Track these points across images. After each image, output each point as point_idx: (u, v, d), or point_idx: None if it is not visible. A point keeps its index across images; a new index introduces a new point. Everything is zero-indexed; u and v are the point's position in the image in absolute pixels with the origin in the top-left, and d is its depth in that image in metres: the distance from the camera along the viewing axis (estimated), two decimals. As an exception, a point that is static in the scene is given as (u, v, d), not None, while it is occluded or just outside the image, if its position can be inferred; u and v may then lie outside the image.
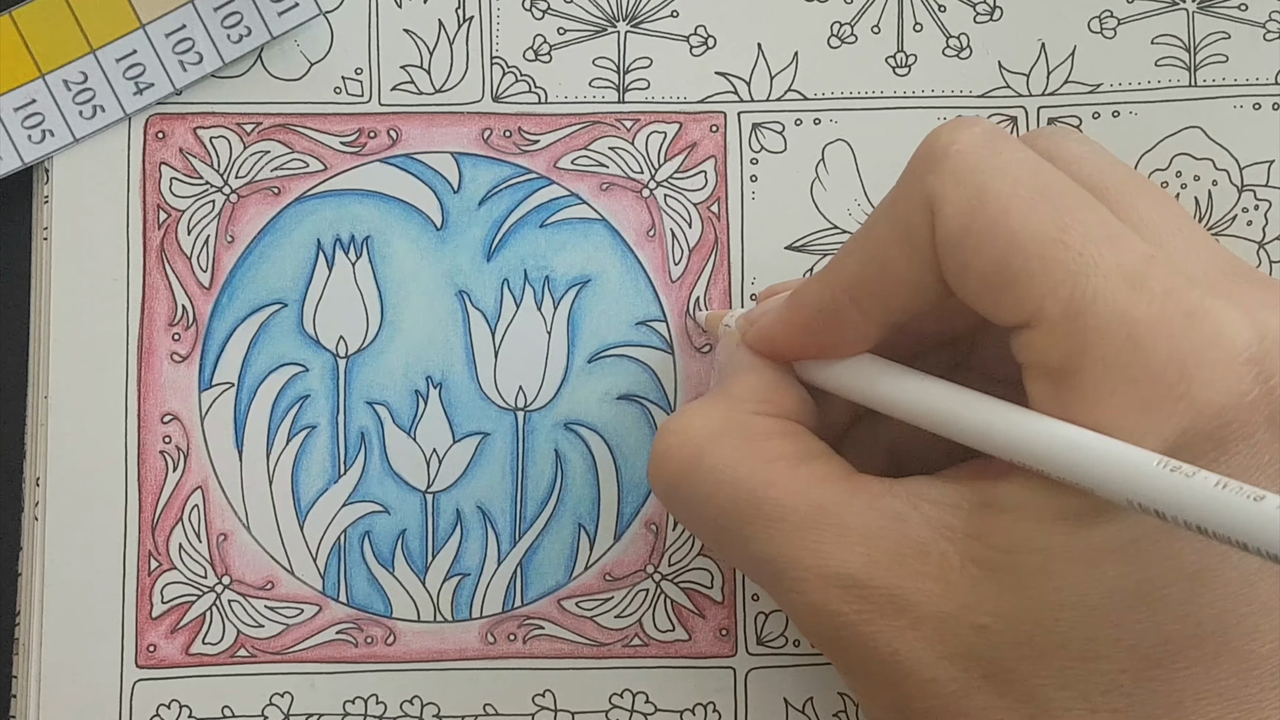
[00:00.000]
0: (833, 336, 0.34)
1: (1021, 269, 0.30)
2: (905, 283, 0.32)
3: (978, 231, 0.31)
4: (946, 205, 0.31)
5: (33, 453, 0.40)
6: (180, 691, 0.40)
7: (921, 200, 0.31)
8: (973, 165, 0.31)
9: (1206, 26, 0.41)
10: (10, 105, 0.40)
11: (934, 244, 0.31)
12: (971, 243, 0.31)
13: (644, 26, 0.41)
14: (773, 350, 0.36)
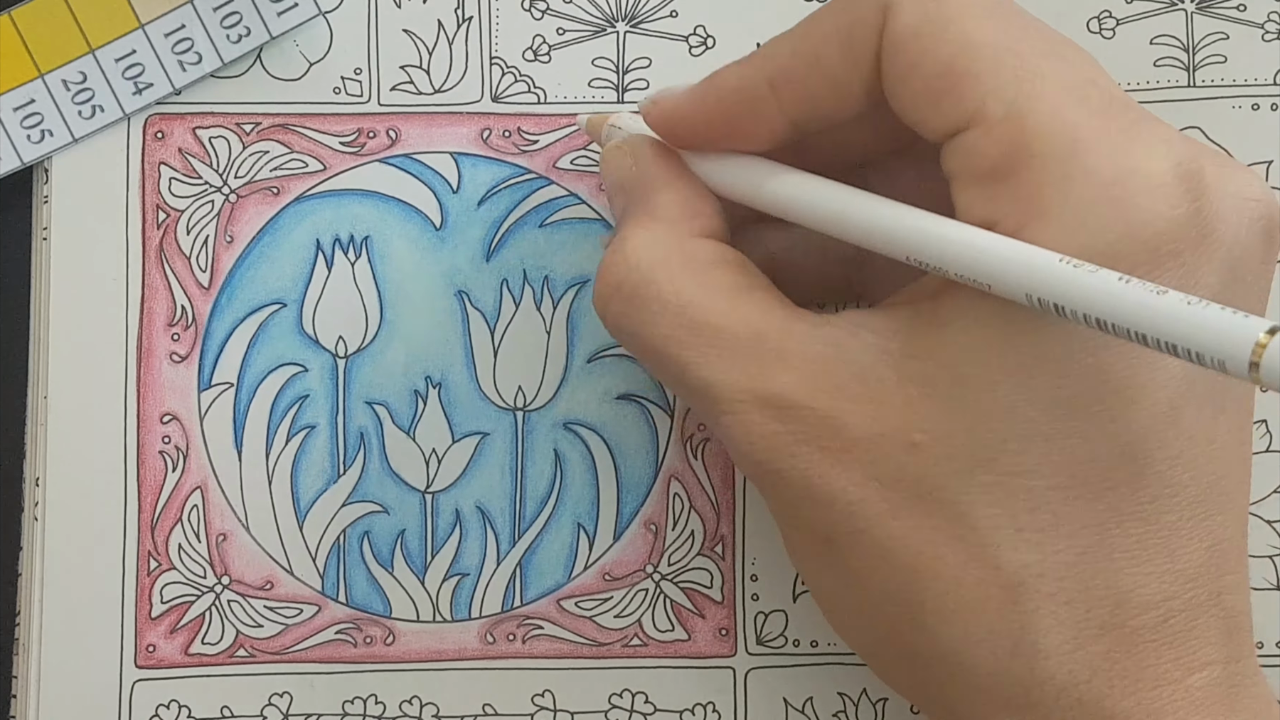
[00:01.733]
0: (743, 124, 0.35)
1: (968, 69, 0.31)
2: (834, 81, 0.33)
3: (930, 33, 0.32)
4: (902, 5, 0.32)
5: (33, 453, 0.40)
6: (179, 691, 0.40)
7: (876, 1, 0.32)
8: None
9: (1205, 27, 0.41)
10: (9, 105, 0.40)
11: (876, 47, 0.32)
12: (922, 43, 0.32)
13: (643, 26, 0.41)
14: (675, 132, 0.36)
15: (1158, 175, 0.30)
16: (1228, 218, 0.31)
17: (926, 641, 0.32)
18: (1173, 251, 0.30)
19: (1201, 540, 0.32)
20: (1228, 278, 0.31)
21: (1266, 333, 0.26)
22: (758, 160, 0.35)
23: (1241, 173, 0.32)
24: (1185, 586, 0.31)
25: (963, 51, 0.31)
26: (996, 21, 0.32)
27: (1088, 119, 0.31)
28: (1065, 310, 0.29)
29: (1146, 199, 0.30)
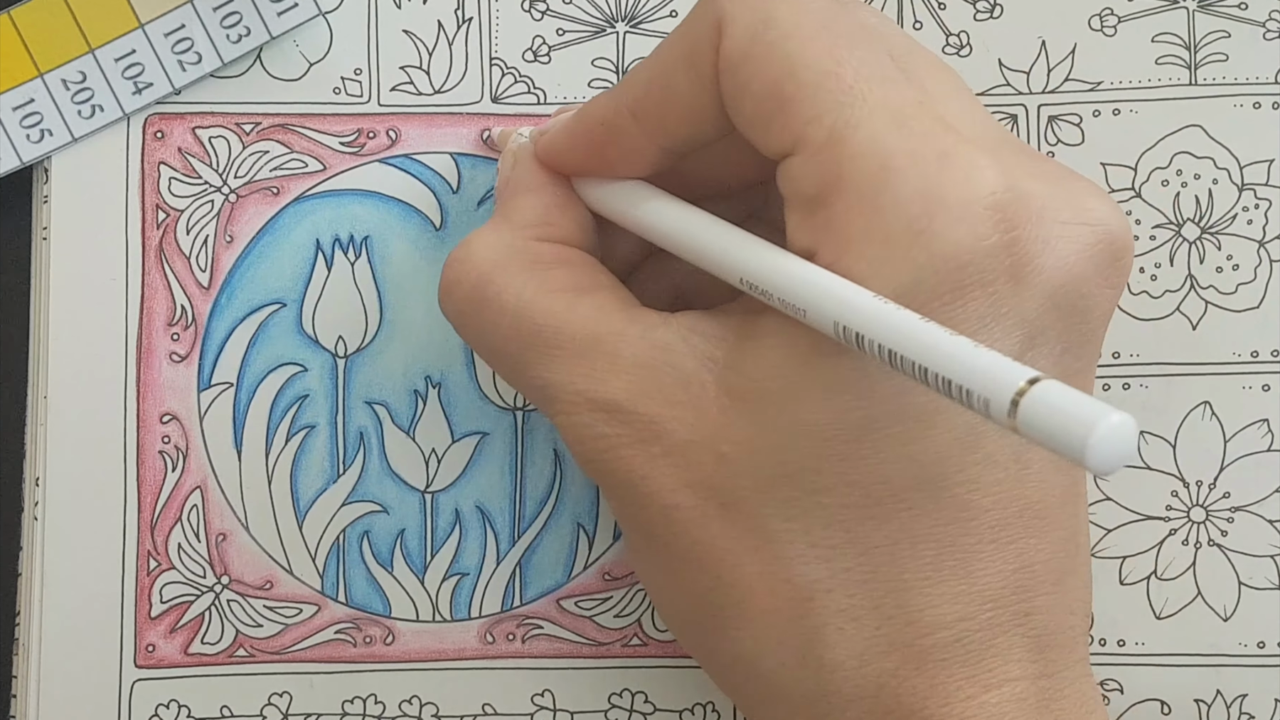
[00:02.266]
0: (613, 153, 0.35)
1: (793, 94, 0.31)
2: (687, 105, 0.33)
3: (757, 55, 0.31)
4: (732, 25, 0.32)
5: (33, 453, 0.40)
6: (179, 691, 0.40)
7: (712, 21, 0.32)
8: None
9: (1206, 25, 0.41)
10: (9, 105, 0.40)
11: (716, 67, 0.32)
12: (750, 66, 0.32)
13: (643, 27, 0.41)
14: (556, 163, 0.36)
15: (966, 205, 0.30)
16: (1054, 246, 0.31)
17: (727, 645, 0.33)
18: (980, 281, 0.30)
19: (1006, 563, 0.32)
20: (1053, 305, 0.31)
21: (1027, 382, 0.26)
22: (630, 185, 0.36)
23: (1080, 196, 0.32)
24: (983, 607, 0.32)
25: (789, 75, 0.31)
26: (826, 41, 0.31)
27: (904, 146, 0.30)
28: (863, 342, 0.29)
29: (951, 230, 0.30)
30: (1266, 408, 0.41)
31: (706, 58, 0.32)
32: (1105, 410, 0.25)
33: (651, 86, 0.34)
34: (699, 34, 0.32)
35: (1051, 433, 0.26)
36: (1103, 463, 0.25)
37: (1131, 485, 0.41)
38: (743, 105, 0.32)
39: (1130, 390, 0.41)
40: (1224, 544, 0.41)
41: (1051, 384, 0.26)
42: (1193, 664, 0.41)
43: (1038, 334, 0.31)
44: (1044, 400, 0.26)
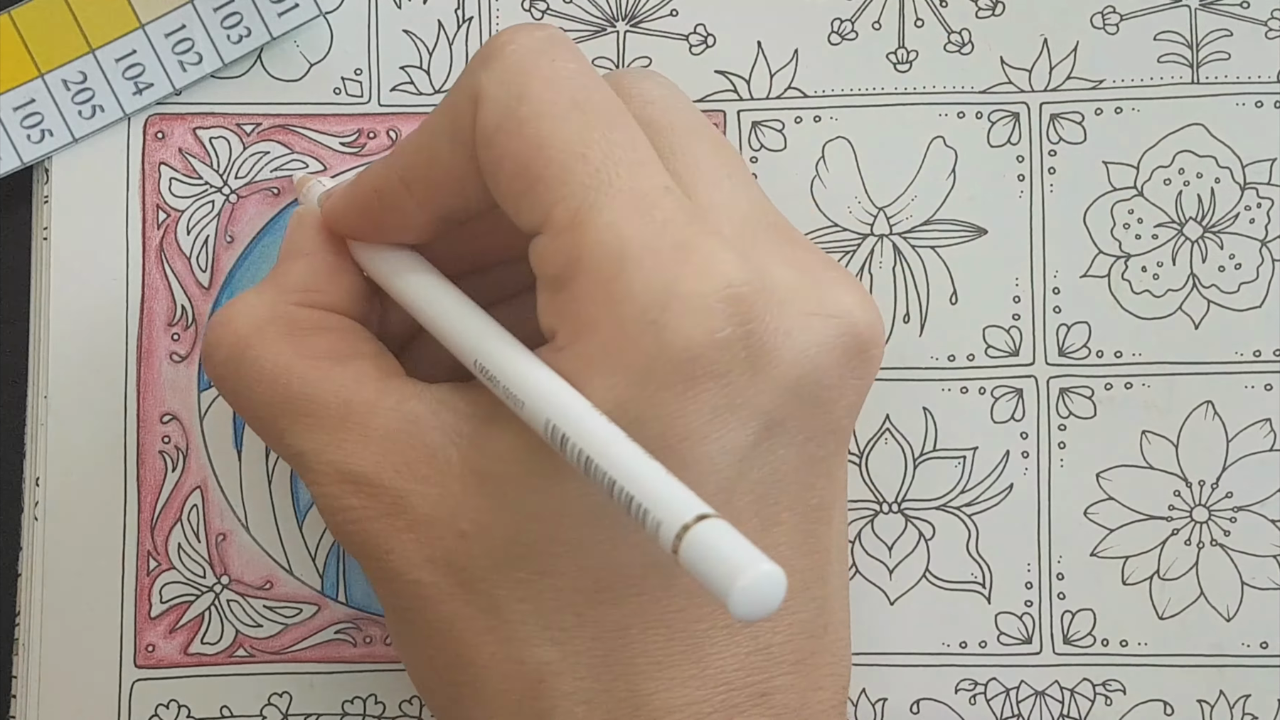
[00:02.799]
0: (386, 220, 0.35)
1: (540, 174, 0.31)
2: (452, 175, 0.33)
3: (509, 131, 0.31)
4: (486, 101, 0.32)
5: (32, 453, 0.40)
6: (179, 691, 0.40)
7: (470, 93, 0.32)
8: (522, 67, 0.32)
9: (1209, 24, 0.41)
10: (9, 105, 0.40)
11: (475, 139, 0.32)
12: (502, 141, 0.31)
13: (643, 26, 0.41)
14: (337, 227, 0.36)
15: (700, 297, 0.30)
16: (794, 336, 0.31)
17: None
18: (712, 373, 0.30)
19: (739, 647, 0.32)
20: (792, 396, 0.31)
21: (695, 517, 0.27)
22: (398, 254, 0.35)
23: (828, 288, 0.32)
24: (717, 690, 0.31)
25: (538, 154, 0.31)
26: (577, 120, 0.31)
27: (643, 233, 0.30)
28: (566, 445, 0.29)
29: (683, 321, 0.30)
30: (1269, 407, 0.41)
31: (465, 131, 0.32)
32: (755, 559, 0.26)
33: (419, 155, 0.34)
34: (460, 106, 0.32)
35: (704, 573, 0.26)
36: (746, 609, 0.26)
37: (1134, 485, 0.41)
38: (497, 180, 0.32)
39: (1132, 390, 0.41)
40: (1227, 544, 0.41)
41: (714, 524, 0.27)
42: (1196, 664, 0.40)
43: (776, 424, 0.31)
44: (702, 540, 0.27)
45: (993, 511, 0.41)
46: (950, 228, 0.41)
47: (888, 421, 0.41)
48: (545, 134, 0.31)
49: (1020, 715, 0.41)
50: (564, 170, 0.31)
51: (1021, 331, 0.41)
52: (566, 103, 0.31)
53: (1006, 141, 0.41)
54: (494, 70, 0.32)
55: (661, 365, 0.30)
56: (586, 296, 0.30)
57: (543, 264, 0.31)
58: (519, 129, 0.31)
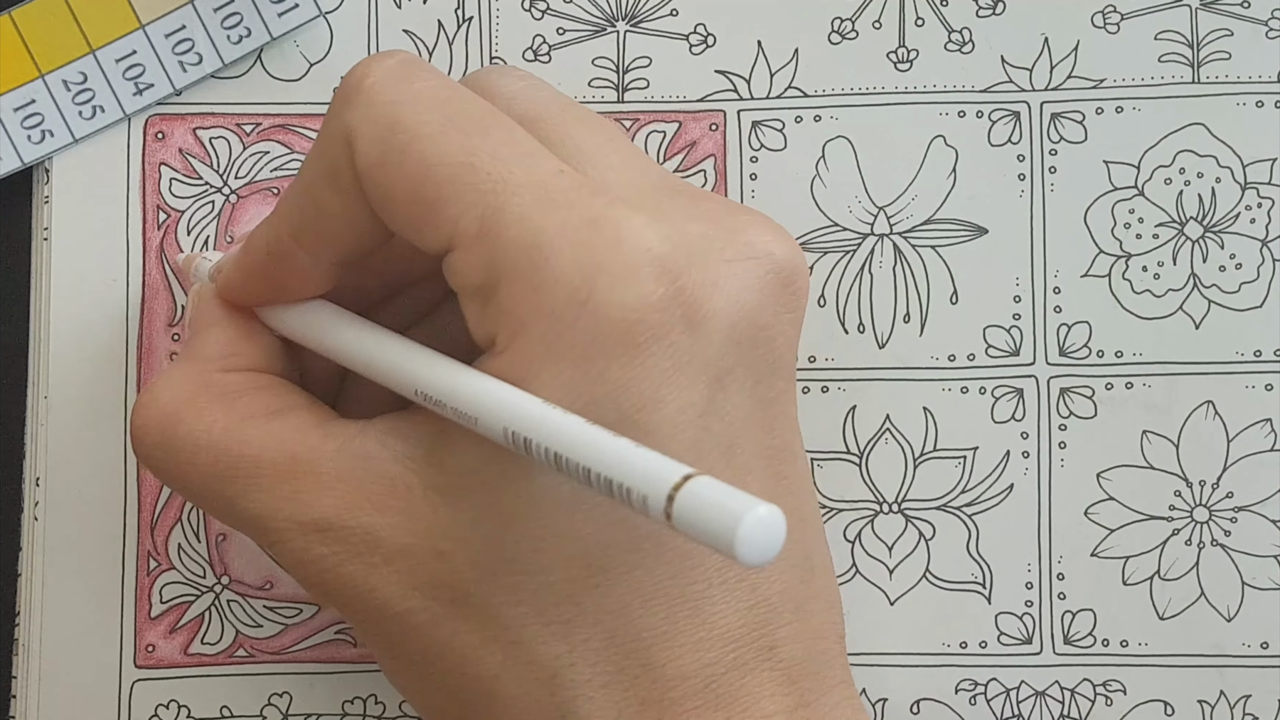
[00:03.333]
0: (284, 279, 0.35)
1: (435, 195, 0.31)
2: (341, 222, 0.33)
3: (391, 163, 0.31)
4: (360, 139, 0.32)
5: (33, 453, 0.40)
6: (179, 691, 0.40)
7: (341, 136, 0.32)
8: (386, 97, 0.32)
9: (1209, 23, 0.41)
10: (10, 105, 0.40)
11: (356, 181, 0.32)
12: (387, 174, 0.31)
13: (643, 25, 0.41)
14: (235, 297, 0.36)
15: (624, 265, 0.30)
16: (722, 285, 0.31)
17: None
18: (653, 336, 0.30)
19: (739, 602, 0.32)
20: (732, 342, 0.31)
21: (680, 480, 0.27)
22: (307, 306, 0.35)
23: (742, 231, 0.32)
24: (726, 650, 0.32)
25: (426, 176, 0.31)
26: (453, 133, 0.31)
27: (553, 220, 0.30)
28: (531, 447, 0.29)
29: (614, 293, 0.30)
30: (1269, 407, 0.41)
31: (346, 173, 0.32)
32: (750, 504, 0.26)
33: (304, 209, 0.33)
34: (333, 152, 0.32)
35: (702, 531, 0.26)
36: (753, 555, 0.26)
37: (1134, 485, 0.41)
38: (391, 212, 0.32)
39: (1133, 389, 0.41)
40: (1227, 544, 0.41)
41: (700, 481, 0.27)
42: (1196, 665, 0.40)
43: (724, 373, 0.31)
44: (693, 499, 0.27)
45: (993, 511, 0.41)
46: (951, 227, 0.41)
47: (888, 421, 0.41)
48: (428, 154, 0.31)
49: (1020, 715, 0.41)
50: (456, 184, 0.31)
51: (1022, 331, 0.41)
52: (438, 119, 0.31)
53: (1007, 141, 0.41)
54: (359, 107, 0.32)
55: (602, 341, 0.30)
56: (514, 296, 0.30)
57: (462, 278, 0.31)
58: (400, 158, 0.31)
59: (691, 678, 0.31)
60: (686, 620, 0.31)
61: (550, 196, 0.31)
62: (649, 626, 0.31)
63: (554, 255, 0.30)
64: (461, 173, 0.31)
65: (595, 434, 0.29)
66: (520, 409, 0.30)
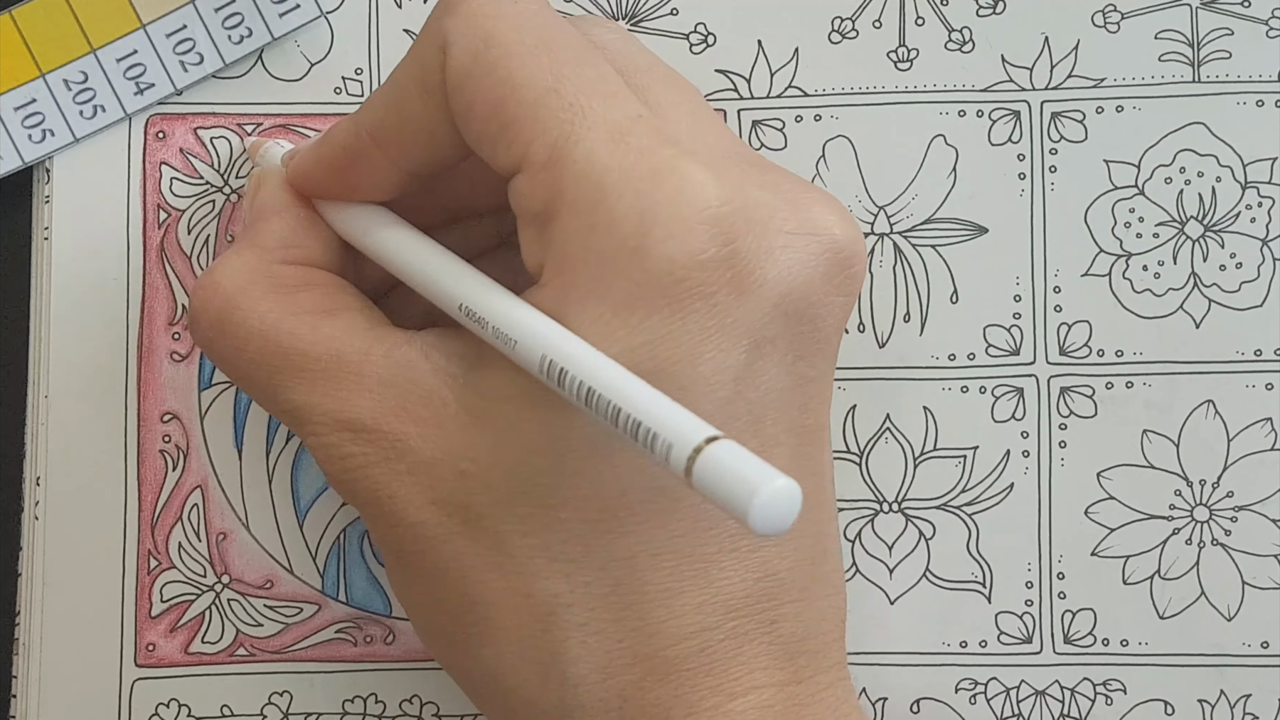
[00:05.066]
0: (356, 178, 0.35)
1: (515, 114, 0.31)
2: (422, 127, 0.33)
3: (479, 74, 0.32)
4: (454, 47, 0.32)
5: (33, 452, 0.40)
6: (179, 690, 0.40)
7: (437, 42, 0.32)
8: (487, 11, 0.32)
9: (1210, 23, 0.41)
10: (10, 105, 0.40)
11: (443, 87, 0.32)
12: (473, 85, 0.32)
13: (644, 25, 0.41)
14: (303, 186, 0.36)
15: (682, 219, 0.30)
16: (776, 255, 0.31)
17: (473, 662, 0.33)
18: (699, 293, 0.30)
19: (748, 572, 0.32)
20: (778, 314, 0.31)
21: (705, 440, 0.27)
22: (367, 210, 0.36)
23: (808, 206, 0.32)
24: (727, 617, 0.32)
25: (510, 94, 0.31)
26: (545, 58, 0.32)
27: (621, 162, 0.31)
28: (565, 379, 0.30)
29: (666, 245, 0.30)
30: (1270, 406, 0.41)
31: (435, 79, 0.32)
32: (770, 475, 0.26)
33: (388, 110, 0.34)
34: (426, 56, 0.33)
35: (719, 493, 0.27)
36: (765, 525, 0.26)
37: (1135, 485, 0.41)
38: (470, 125, 0.32)
39: (1133, 389, 0.41)
40: (1227, 543, 0.41)
41: (725, 445, 0.27)
42: (1196, 664, 0.40)
43: (765, 342, 0.31)
44: (715, 461, 0.27)
45: (993, 511, 0.41)
46: (951, 226, 0.41)
47: (888, 421, 0.41)
48: (516, 73, 0.31)
49: (1020, 715, 0.41)
50: (538, 107, 0.31)
51: (1022, 330, 0.41)
52: (534, 42, 0.32)
53: (1007, 140, 0.41)
54: (459, 16, 0.32)
55: (647, 290, 0.30)
56: (569, 229, 0.31)
57: (524, 202, 0.32)
58: (490, 71, 0.31)
59: (689, 639, 0.31)
60: (692, 581, 0.32)
61: (623, 138, 0.31)
62: (654, 581, 0.31)
63: (613, 197, 0.30)
64: (545, 97, 0.31)
65: (630, 379, 0.29)
66: (560, 341, 0.30)
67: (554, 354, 0.30)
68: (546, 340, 0.30)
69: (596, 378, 0.29)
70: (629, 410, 0.28)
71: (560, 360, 0.30)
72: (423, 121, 0.33)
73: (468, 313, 0.32)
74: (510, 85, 0.31)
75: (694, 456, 0.27)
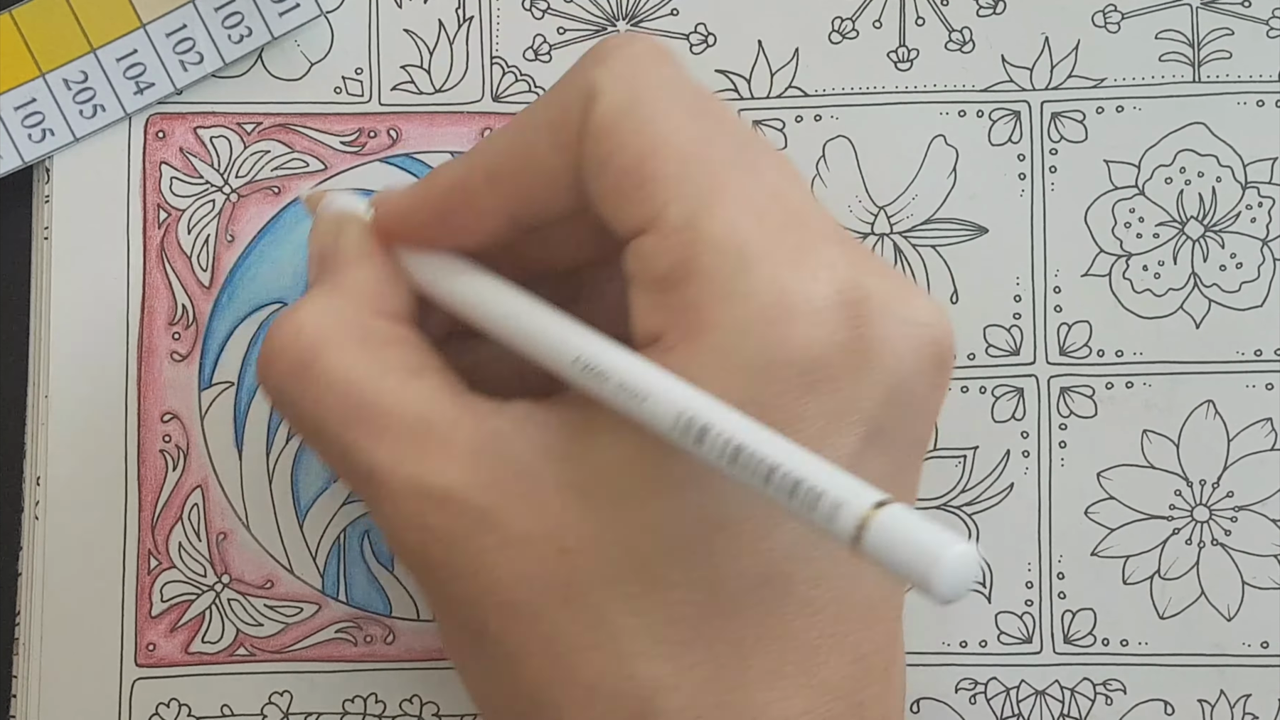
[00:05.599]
0: (457, 219, 0.34)
1: (656, 171, 0.31)
2: (544, 170, 0.32)
3: (626, 128, 0.31)
4: (604, 95, 0.31)
5: (33, 453, 0.40)
6: (179, 690, 0.40)
7: (584, 89, 0.32)
8: (641, 68, 0.32)
9: (1210, 23, 0.41)
10: (10, 104, 0.40)
11: (582, 135, 0.32)
12: (618, 137, 0.31)
13: (644, 25, 0.41)
14: (398, 226, 0.35)
15: (818, 300, 0.30)
16: (893, 344, 0.31)
17: None
18: (828, 376, 0.30)
19: (844, 656, 0.31)
20: (890, 402, 0.31)
21: (874, 505, 0.26)
22: (457, 261, 0.34)
23: (913, 298, 0.32)
24: (824, 700, 0.31)
25: (655, 151, 0.31)
26: (695, 123, 0.31)
27: (761, 237, 0.30)
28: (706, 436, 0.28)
29: (803, 323, 0.30)
30: (1270, 407, 0.41)
31: (572, 125, 0.32)
32: (951, 539, 0.25)
33: (512, 150, 0.33)
34: (569, 101, 0.32)
35: (896, 557, 0.26)
36: (947, 591, 0.25)
37: (1135, 485, 0.41)
38: (604, 178, 0.31)
39: (1133, 389, 0.41)
40: (1227, 543, 0.41)
41: (898, 510, 0.26)
42: (1196, 664, 0.40)
43: (877, 431, 0.31)
44: (892, 523, 0.26)
45: (993, 511, 0.41)
46: (951, 226, 0.41)
47: (888, 421, 0.41)
48: (663, 133, 0.31)
49: (1020, 715, 0.41)
50: (683, 171, 0.31)
51: (1022, 330, 0.41)
52: (681, 107, 0.31)
53: (1007, 140, 0.41)
54: (611, 68, 0.32)
55: (781, 367, 0.30)
56: (704, 295, 0.30)
57: (648, 264, 0.31)
58: (638, 127, 0.31)
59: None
60: (795, 667, 0.31)
61: (763, 214, 0.30)
62: (758, 665, 0.31)
63: (755, 269, 0.30)
64: (689, 161, 0.31)
65: (783, 439, 0.28)
66: (698, 397, 0.29)
67: (695, 410, 0.28)
68: (685, 397, 0.29)
69: (745, 432, 0.28)
70: (788, 468, 0.27)
71: (703, 416, 0.28)
72: (547, 165, 0.32)
73: (585, 368, 0.30)
74: (656, 142, 0.31)
75: (868, 518, 0.26)
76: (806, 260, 0.30)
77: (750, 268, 0.30)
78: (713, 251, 0.30)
